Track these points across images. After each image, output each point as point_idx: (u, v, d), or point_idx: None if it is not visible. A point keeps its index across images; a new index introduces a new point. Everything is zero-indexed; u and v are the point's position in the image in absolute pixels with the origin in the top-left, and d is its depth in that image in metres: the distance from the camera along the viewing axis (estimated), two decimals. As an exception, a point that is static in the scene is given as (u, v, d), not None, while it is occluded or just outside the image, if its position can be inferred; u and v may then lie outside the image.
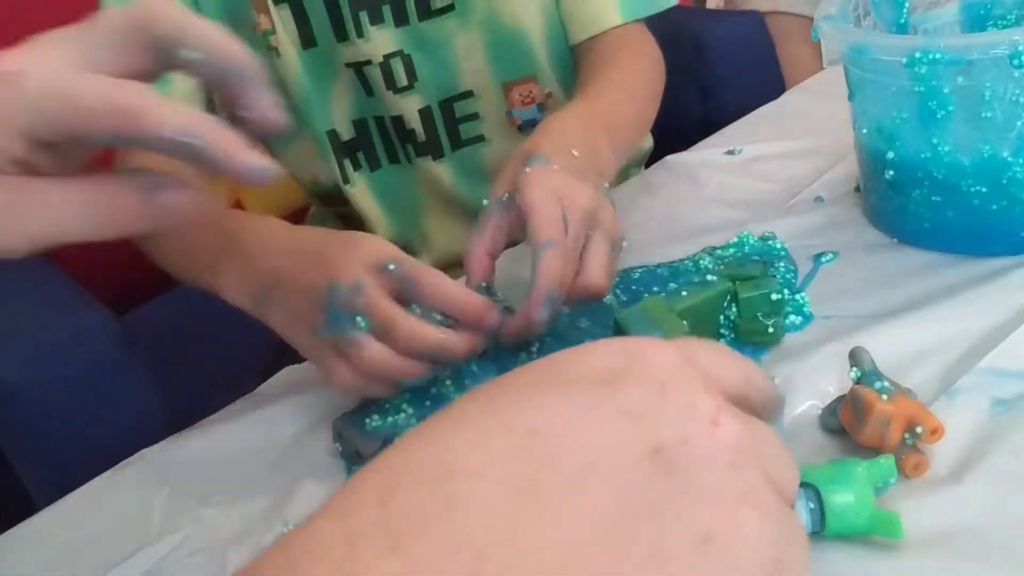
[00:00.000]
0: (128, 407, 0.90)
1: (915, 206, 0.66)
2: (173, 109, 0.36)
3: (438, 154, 0.91)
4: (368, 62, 0.86)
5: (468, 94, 0.90)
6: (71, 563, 0.58)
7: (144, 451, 0.67)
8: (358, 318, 0.57)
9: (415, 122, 0.89)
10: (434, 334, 0.57)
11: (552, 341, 0.64)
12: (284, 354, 0.75)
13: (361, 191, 0.92)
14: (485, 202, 0.65)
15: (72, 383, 0.88)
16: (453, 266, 0.93)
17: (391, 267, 0.58)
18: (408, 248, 0.91)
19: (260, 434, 0.66)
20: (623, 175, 0.99)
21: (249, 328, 0.65)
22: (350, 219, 0.97)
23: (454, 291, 0.59)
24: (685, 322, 0.59)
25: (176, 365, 1.07)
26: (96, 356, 0.90)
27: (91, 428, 0.87)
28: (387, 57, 0.86)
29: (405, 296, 0.58)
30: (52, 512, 0.63)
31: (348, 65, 0.87)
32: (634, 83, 0.83)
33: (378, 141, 0.91)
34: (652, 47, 0.90)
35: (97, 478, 0.65)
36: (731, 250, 0.70)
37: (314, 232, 0.65)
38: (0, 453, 0.94)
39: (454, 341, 0.58)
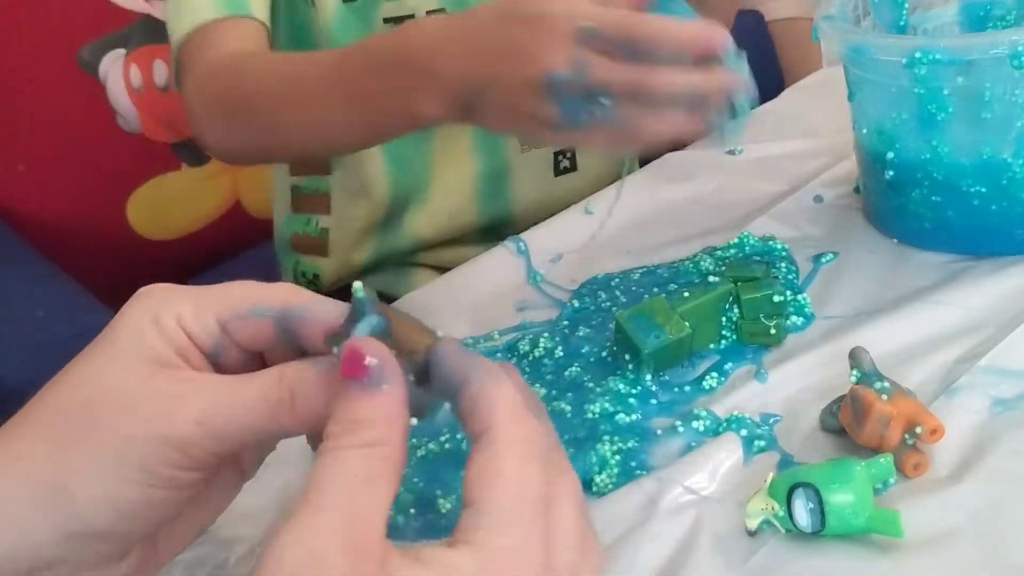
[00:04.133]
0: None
1: (915, 206, 0.66)
2: None
3: None
4: (411, 16, 0.85)
5: None
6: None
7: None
8: (600, 98, 0.52)
9: None
10: (689, 74, 0.52)
11: (554, 347, 0.65)
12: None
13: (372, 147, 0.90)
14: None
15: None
16: (449, 241, 0.92)
17: (593, 28, 0.52)
18: (406, 206, 0.90)
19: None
20: (620, 169, 0.99)
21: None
22: (317, 192, 0.95)
23: (676, 26, 0.53)
24: (687, 323, 0.59)
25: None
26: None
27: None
28: (429, 13, 0.85)
29: (617, 53, 0.53)
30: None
31: (387, 20, 0.86)
32: None
33: None
34: None
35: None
36: (732, 251, 0.70)
37: (475, 20, 0.59)
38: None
39: (710, 76, 0.53)
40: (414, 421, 0.32)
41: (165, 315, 0.36)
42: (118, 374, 0.34)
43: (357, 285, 0.35)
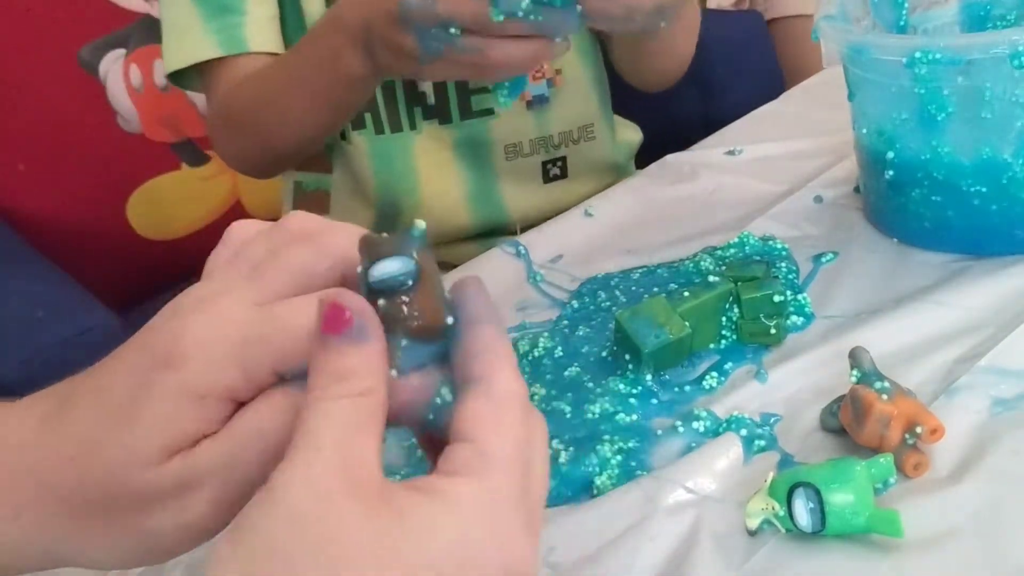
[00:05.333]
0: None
1: (915, 206, 0.66)
2: None
3: (445, 119, 0.90)
4: None
5: None
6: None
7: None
8: (450, 28, 0.58)
9: (427, 85, 0.88)
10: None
11: (554, 347, 0.65)
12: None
13: (359, 150, 0.90)
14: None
15: (72, 383, 0.88)
16: (447, 241, 0.92)
17: None
18: (400, 216, 0.91)
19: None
20: (618, 171, 0.99)
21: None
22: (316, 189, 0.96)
23: None
24: (687, 323, 0.59)
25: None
26: (96, 356, 0.90)
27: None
28: None
29: None
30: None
31: None
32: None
33: (383, 109, 0.90)
34: None
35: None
36: (732, 250, 0.70)
37: None
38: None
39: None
40: (394, 373, 0.32)
41: (210, 395, 0.33)
42: (134, 462, 0.33)
43: (419, 222, 0.34)
